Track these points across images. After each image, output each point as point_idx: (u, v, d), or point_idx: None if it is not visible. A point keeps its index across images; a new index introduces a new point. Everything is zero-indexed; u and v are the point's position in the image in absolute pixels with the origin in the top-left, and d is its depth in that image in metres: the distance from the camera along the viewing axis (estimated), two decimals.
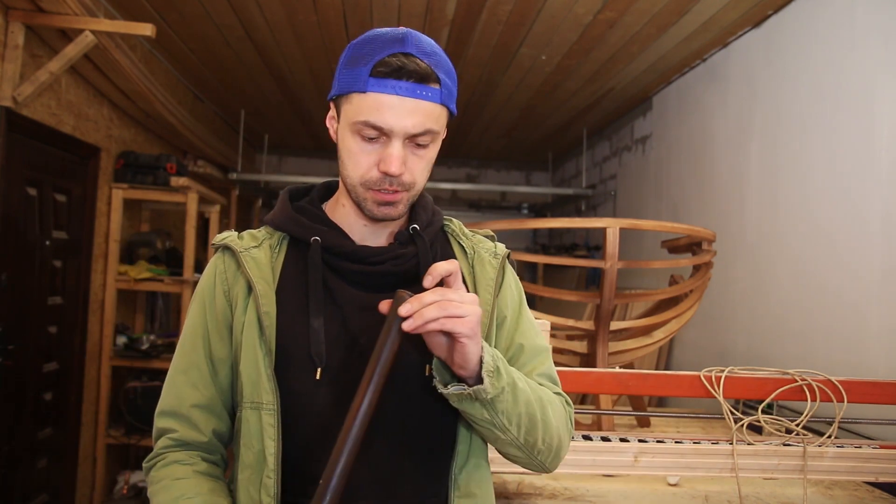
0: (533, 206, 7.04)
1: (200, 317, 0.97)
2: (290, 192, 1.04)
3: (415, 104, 0.86)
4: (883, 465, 1.63)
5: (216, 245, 0.99)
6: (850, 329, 2.36)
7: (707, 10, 3.01)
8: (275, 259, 0.96)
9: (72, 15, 2.57)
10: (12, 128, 2.67)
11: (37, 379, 3.06)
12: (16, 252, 2.83)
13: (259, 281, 0.92)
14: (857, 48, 2.43)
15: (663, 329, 2.23)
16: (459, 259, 1.03)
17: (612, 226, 1.96)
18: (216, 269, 0.98)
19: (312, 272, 0.93)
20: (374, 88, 0.86)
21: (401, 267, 0.94)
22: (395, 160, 0.87)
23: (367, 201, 0.91)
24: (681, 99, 3.97)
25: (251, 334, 0.91)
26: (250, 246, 0.96)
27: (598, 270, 2.03)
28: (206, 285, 0.98)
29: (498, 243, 1.07)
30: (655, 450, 1.60)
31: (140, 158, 3.70)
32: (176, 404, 0.95)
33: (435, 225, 1.02)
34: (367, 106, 0.86)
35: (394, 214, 0.92)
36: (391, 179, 0.89)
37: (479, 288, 0.99)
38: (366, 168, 0.89)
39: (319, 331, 0.90)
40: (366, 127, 0.87)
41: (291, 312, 0.92)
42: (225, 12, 3.28)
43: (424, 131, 0.88)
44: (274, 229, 0.99)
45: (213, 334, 0.95)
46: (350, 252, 0.94)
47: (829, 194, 2.54)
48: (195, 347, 0.96)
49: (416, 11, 3.20)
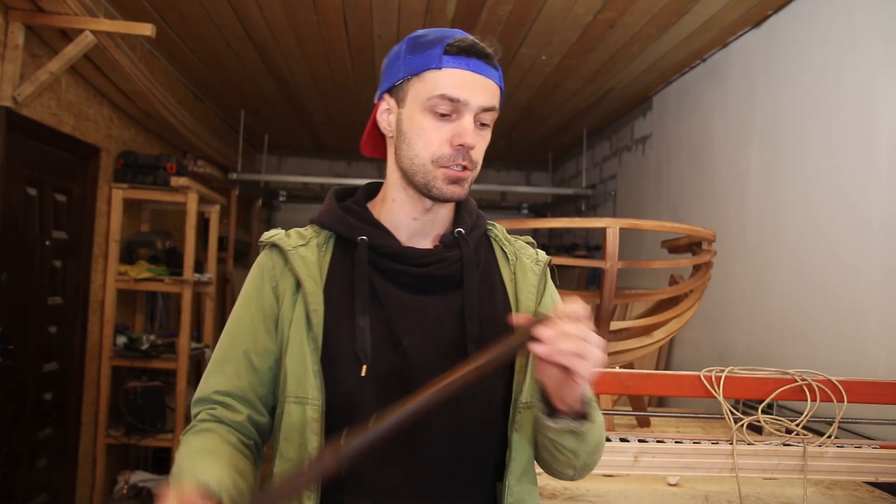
0: (533, 206, 7.04)
1: (246, 311, 0.98)
2: (336, 193, 1.06)
3: (485, 81, 0.91)
4: (883, 465, 1.63)
5: (264, 243, 1.01)
6: (850, 329, 2.36)
7: (707, 10, 3.01)
8: (322, 257, 0.97)
9: (72, 15, 2.57)
10: (12, 128, 2.67)
11: (37, 379, 3.06)
12: (16, 252, 2.82)
13: (307, 279, 0.94)
14: (856, 48, 2.43)
15: (663, 329, 2.23)
16: (501, 265, 1.04)
17: (612, 226, 1.96)
18: (263, 265, 0.99)
19: (359, 271, 0.94)
20: (449, 64, 0.90)
21: (445, 271, 0.96)
22: (470, 132, 0.90)
23: (436, 180, 0.93)
24: (681, 99, 3.97)
25: (298, 331, 0.93)
26: (298, 244, 0.98)
27: (598, 270, 2.03)
28: (253, 281, 1.00)
29: (539, 250, 1.09)
30: (655, 450, 1.60)
31: (140, 158, 3.70)
32: (209, 393, 0.97)
33: (479, 229, 1.03)
34: (445, 80, 0.90)
35: (460, 194, 0.94)
36: (463, 153, 0.91)
37: (521, 295, 1.00)
38: (437, 144, 0.92)
39: (365, 329, 0.92)
40: (442, 101, 0.90)
41: (338, 310, 0.93)
42: (225, 12, 3.28)
43: (492, 106, 0.92)
44: (321, 228, 1.01)
45: (258, 328, 0.97)
46: (396, 253, 0.96)
47: (829, 194, 2.54)
48: (234, 342, 0.98)
49: (416, 11, 3.20)
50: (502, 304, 0.99)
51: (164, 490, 0.74)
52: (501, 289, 1.01)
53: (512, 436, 0.95)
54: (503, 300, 1.00)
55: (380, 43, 3.65)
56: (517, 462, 0.95)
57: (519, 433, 0.95)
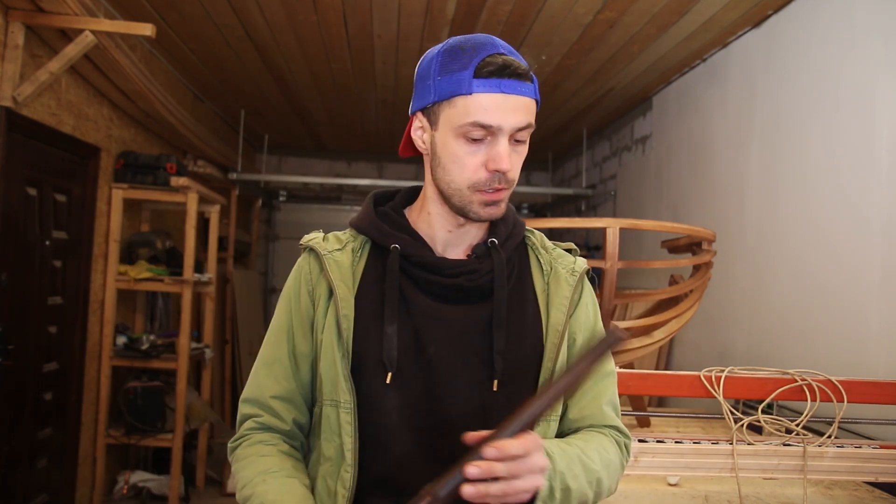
0: (533, 206, 7.04)
1: (286, 314, 1.01)
2: (375, 197, 1.06)
3: (518, 101, 0.89)
4: (883, 465, 1.63)
5: (303, 245, 1.03)
6: (850, 329, 2.36)
7: (707, 10, 3.01)
8: (356, 263, 0.99)
9: (72, 15, 2.57)
10: (12, 128, 2.67)
11: (37, 379, 3.06)
12: (16, 252, 2.82)
13: (340, 285, 0.95)
14: (856, 48, 2.43)
15: (663, 329, 2.23)
16: (535, 275, 1.03)
17: (612, 226, 1.96)
18: (301, 269, 1.02)
19: (389, 279, 0.95)
20: (479, 89, 0.88)
21: (475, 282, 0.96)
22: (505, 158, 0.89)
23: (473, 204, 0.93)
24: (681, 99, 3.97)
25: (330, 336, 0.95)
26: (334, 248, 1.00)
27: (598, 270, 2.02)
28: (292, 284, 1.02)
29: (578, 258, 1.06)
30: (655, 450, 1.60)
31: (140, 158, 3.70)
32: (258, 394, 1.00)
33: (515, 238, 1.02)
34: (476, 107, 0.88)
35: (498, 214, 0.95)
36: (500, 177, 0.91)
37: (551, 308, 0.99)
38: (472, 170, 0.91)
39: (393, 337, 0.93)
40: (475, 128, 0.89)
41: (368, 317, 0.95)
42: (225, 12, 3.28)
43: (527, 125, 0.91)
44: (357, 233, 1.02)
45: (297, 331, 1.00)
46: (428, 263, 0.96)
47: (829, 194, 2.54)
48: (279, 343, 1.00)
49: (416, 11, 3.20)
50: (532, 316, 0.99)
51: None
52: (533, 300, 1.00)
53: None
54: (534, 312, 0.99)
55: (380, 43, 3.65)
56: None
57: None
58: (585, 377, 0.80)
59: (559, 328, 0.98)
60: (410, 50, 3.70)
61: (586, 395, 1.00)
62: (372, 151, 6.97)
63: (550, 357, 0.97)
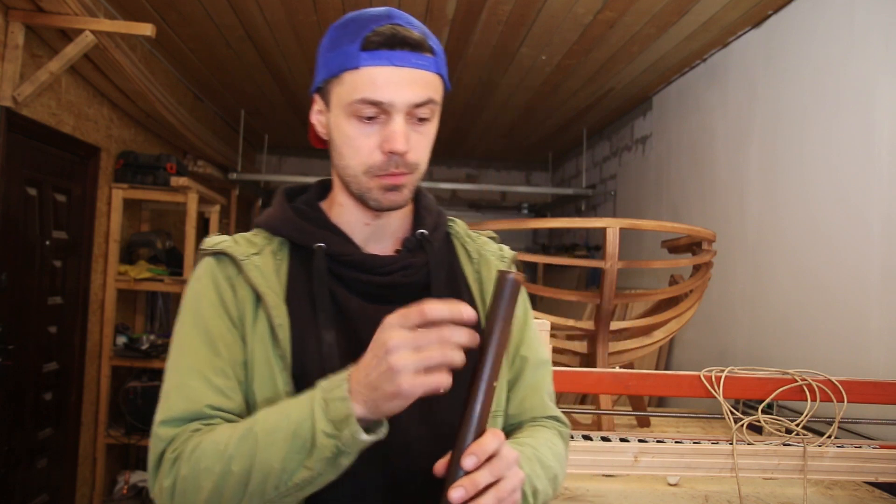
0: (533, 206, 7.04)
1: (213, 317, 0.84)
2: (286, 192, 0.97)
3: (412, 73, 0.80)
4: (883, 464, 1.63)
5: (208, 250, 0.88)
6: (850, 329, 2.36)
7: (707, 10, 3.01)
8: (278, 266, 0.88)
9: (72, 15, 2.57)
10: (12, 128, 2.67)
11: (37, 379, 3.06)
12: (16, 252, 2.82)
13: (268, 291, 0.84)
14: (856, 48, 2.43)
15: (663, 329, 2.23)
16: (464, 264, 0.97)
17: (612, 226, 1.96)
18: (214, 276, 0.86)
19: (318, 282, 0.86)
20: (367, 62, 0.80)
21: (410, 278, 0.89)
22: (399, 136, 0.80)
23: (371, 190, 0.84)
24: (681, 99, 3.97)
25: (264, 349, 0.83)
26: (250, 253, 0.87)
27: (598, 270, 2.03)
28: (209, 287, 0.86)
29: (503, 246, 1.02)
30: (655, 450, 1.60)
31: (140, 158, 3.70)
32: (190, 407, 0.80)
33: (441, 228, 0.96)
34: (364, 81, 0.80)
35: (400, 201, 0.86)
36: (397, 160, 0.82)
37: (486, 297, 0.94)
38: (367, 152, 0.82)
39: (333, 345, 0.83)
40: (363, 105, 0.80)
41: (302, 325, 0.85)
42: (225, 12, 3.28)
43: (426, 100, 0.82)
44: (272, 234, 0.91)
45: (232, 336, 0.84)
46: (357, 261, 0.88)
47: (829, 194, 2.54)
48: (213, 349, 0.83)
49: (416, 11, 3.20)
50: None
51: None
52: (466, 291, 0.95)
53: None
54: (469, 303, 0.90)
55: None
56: None
57: None
58: (506, 341, 0.73)
59: None
60: None
61: (524, 386, 0.96)
62: None
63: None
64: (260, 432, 0.72)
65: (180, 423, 0.80)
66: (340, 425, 0.69)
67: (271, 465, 0.71)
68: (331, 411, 0.69)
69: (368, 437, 0.70)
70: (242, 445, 0.73)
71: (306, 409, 0.71)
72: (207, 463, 0.74)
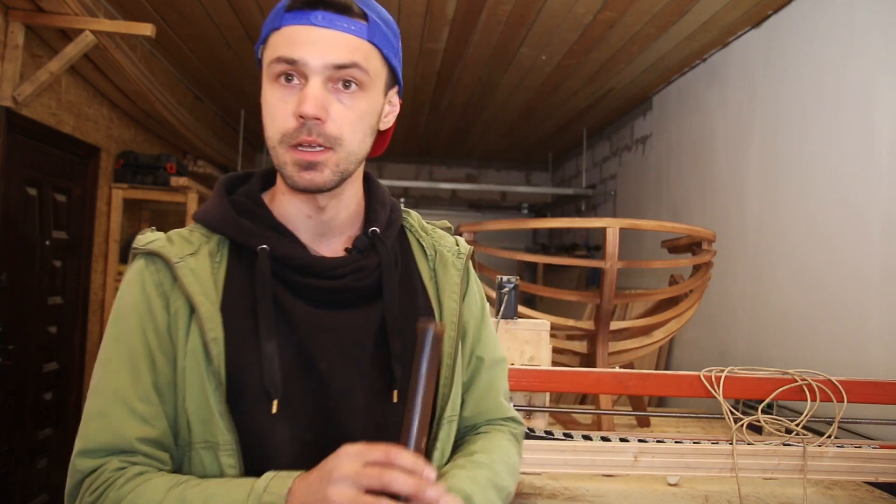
0: (533, 206, 7.04)
1: (139, 333, 0.78)
2: (225, 184, 0.88)
3: (333, 35, 0.76)
4: (883, 464, 1.63)
5: (140, 250, 0.81)
6: (850, 329, 2.36)
7: (707, 10, 3.01)
8: (216, 270, 0.80)
9: (72, 15, 2.57)
10: (12, 128, 2.67)
11: (37, 379, 3.06)
12: (16, 252, 2.83)
13: (202, 300, 0.77)
14: (856, 48, 2.43)
15: (663, 329, 2.23)
16: (419, 260, 0.92)
17: (612, 226, 1.96)
18: (144, 281, 0.79)
19: (260, 288, 0.78)
20: (288, 22, 0.76)
21: (362, 281, 0.83)
22: (310, 99, 0.74)
23: (286, 165, 0.77)
24: (681, 99, 3.97)
25: (196, 364, 0.76)
26: (185, 254, 0.80)
27: (598, 270, 2.03)
28: (136, 296, 0.79)
29: (459, 238, 0.97)
30: (655, 450, 1.60)
31: (140, 158, 3.70)
32: (113, 440, 0.75)
33: (396, 223, 0.91)
34: (282, 40, 0.76)
35: (318, 181, 0.77)
36: (310, 126, 0.75)
37: (443, 297, 0.89)
38: (282, 118, 0.76)
39: (273, 357, 0.77)
40: (279, 63, 0.76)
41: (240, 336, 0.78)
42: (225, 12, 3.28)
43: (347, 63, 0.76)
44: (210, 231, 0.83)
45: (157, 354, 0.78)
46: (305, 264, 0.81)
47: (829, 194, 2.54)
48: (136, 370, 0.77)
49: (416, 11, 3.20)
50: (424, 309, 0.88)
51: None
52: (422, 291, 0.90)
53: (433, 453, 0.85)
54: (424, 304, 0.89)
55: None
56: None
57: (439, 450, 0.86)
58: (430, 398, 0.71)
59: (454, 319, 0.87)
60: (411, 50, 3.70)
61: (480, 388, 0.94)
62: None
63: (449, 353, 0.86)
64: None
65: (100, 455, 0.76)
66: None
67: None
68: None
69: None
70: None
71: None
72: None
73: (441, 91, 4.53)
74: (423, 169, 7.31)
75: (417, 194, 6.87)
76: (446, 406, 0.86)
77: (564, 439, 1.62)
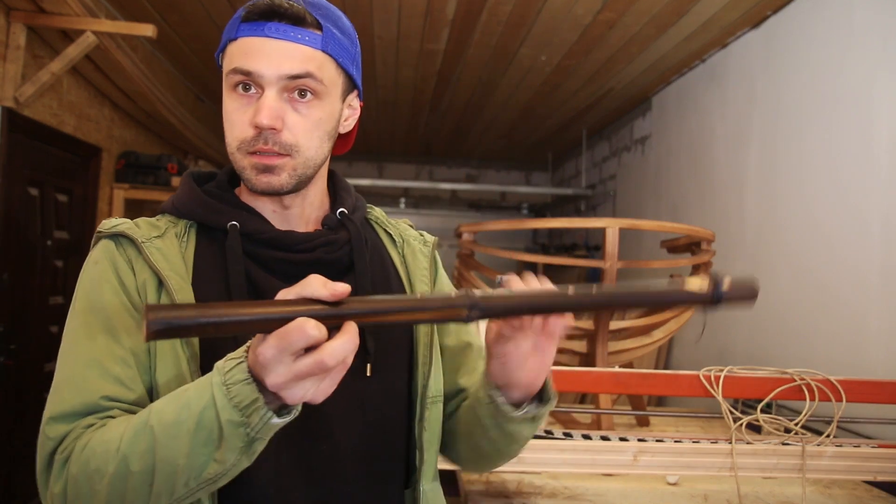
0: (533, 206, 7.05)
1: (113, 301, 0.78)
2: (193, 176, 0.91)
3: (287, 46, 0.77)
4: (881, 464, 1.63)
5: (105, 233, 0.82)
6: (850, 329, 2.37)
7: (707, 11, 3.02)
8: (184, 249, 0.82)
9: (73, 16, 2.57)
10: (14, 128, 2.68)
11: (38, 379, 3.06)
12: (17, 252, 2.83)
13: (171, 274, 0.78)
14: (855, 48, 2.44)
15: (663, 329, 2.23)
16: (389, 247, 0.95)
17: (611, 226, 1.97)
18: (112, 254, 0.80)
19: (232, 262, 0.80)
20: (243, 33, 0.78)
21: (333, 254, 0.85)
22: (265, 109, 0.76)
23: (245, 170, 0.79)
24: (680, 99, 3.98)
25: None
26: (152, 236, 0.81)
27: (597, 270, 2.03)
28: (107, 271, 0.80)
29: (423, 232, 1.01)
30: (655, 449, 1.61)
31: (141, 158, 3.71)
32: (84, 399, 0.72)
33: (361, 210, 0.94)
34: (237, 51, 0.78)
35: (276, 184, 0.79)
36: (266, 136, 0.77)
37: (414, 280, 0.92)
38: (240, 127, 0.78)
39: None
40: (235, 75, 0.78)
41: None
42: (225, 13, 3.29)
43: (301, 73, 0.77)
44: (178, 217, 0.85)
45: (132, 322, 0.77)
46: (274, 238, 0.83)
47: (828, 194, 2.54)
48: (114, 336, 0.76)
49: (416, 11, 3.20)
50: (397, 288, 0.91)
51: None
52: (394, 273, 0.92)
53: (422, 435, 0.86)
54: (397, 284, 0.91)
55: (380, 43, 3.65)
56: (429, 464, 0.87)
57: (428, 431, 0.87)
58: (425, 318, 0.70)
59: None
60: (410, 50, 3.71)
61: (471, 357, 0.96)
62: (372, 151, 6.98)
63: (426, 332, 0.89)
64: (157, 426, 0.64)
65: (73, 419, 0.72)
66: (247, 410, 0.61)
67: (176, 461, 0.64)
68: (234, 395, 0.61)
69: (280, 419, 0.63)
70: (138, 442, 0.65)
71: (206, 396, 0.63)
72: (97, 464, 0.66)
73: (441, 91, 4.53)
74: (423, 169, 7.31)
75: (417, 194, 6.87)
76: (428, 384, 0.87)
77: (564, 438, 1.62)
